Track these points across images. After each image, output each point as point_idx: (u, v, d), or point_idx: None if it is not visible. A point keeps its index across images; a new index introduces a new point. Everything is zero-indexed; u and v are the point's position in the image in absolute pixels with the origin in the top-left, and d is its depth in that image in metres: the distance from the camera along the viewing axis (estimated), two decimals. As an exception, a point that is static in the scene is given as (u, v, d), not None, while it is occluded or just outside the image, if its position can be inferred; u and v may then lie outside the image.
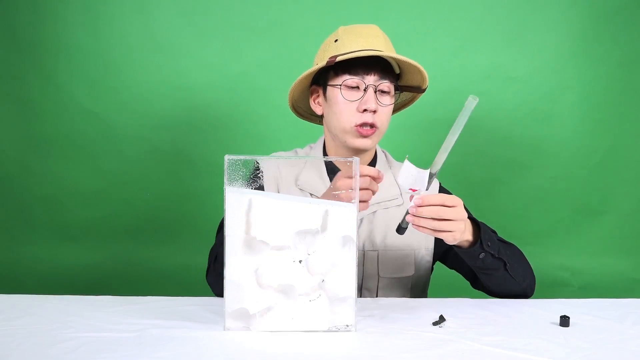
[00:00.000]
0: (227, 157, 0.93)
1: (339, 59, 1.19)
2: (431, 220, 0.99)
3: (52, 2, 1.91)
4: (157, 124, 1.95)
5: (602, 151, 2.01)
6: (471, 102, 0.93)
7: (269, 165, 1.29)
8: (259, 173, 0.97)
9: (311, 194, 1.26)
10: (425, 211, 0.98)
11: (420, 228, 1.00)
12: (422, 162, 1.46)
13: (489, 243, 1.13)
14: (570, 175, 2.01)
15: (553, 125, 2.00)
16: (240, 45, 1.95)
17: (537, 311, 1.11)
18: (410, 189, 1.01)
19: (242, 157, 0.94)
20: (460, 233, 1.03)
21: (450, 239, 1.03)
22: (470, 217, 1.14)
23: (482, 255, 1.13)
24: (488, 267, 1.16)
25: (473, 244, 1.12)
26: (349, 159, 0.96)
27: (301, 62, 1.92)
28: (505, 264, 1.16)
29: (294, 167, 1.29)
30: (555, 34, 1.97)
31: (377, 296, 1.27)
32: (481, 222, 1.15)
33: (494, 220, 1.38)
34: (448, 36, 1.97)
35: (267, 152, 1.39)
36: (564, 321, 1.02)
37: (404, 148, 1.44)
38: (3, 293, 1.15)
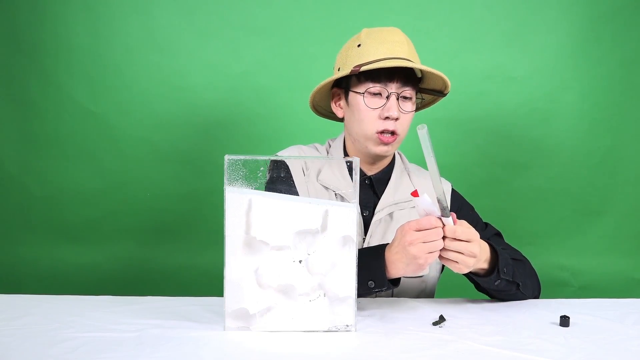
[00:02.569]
0: (227, 157, 0.93)
1: (363, 68, 1.18)
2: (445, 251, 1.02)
3: (52, 2, 1.91)
4: (157, 124, 1.95)
5: (602, 151, 2.01)
6: (421, 131, 0.90)
7: (295, 159, 1.30)
8: (281, 169, 0.96)
9: (326, 188, 1.26)
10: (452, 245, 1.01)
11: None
12: (421, 160, 1.47)
13: (505, 269, 1.13)
14: (570, 175, 2.01)
15: (553, 125, 2.00)
16: (240, 45, 1.95)
17: (537, 311, 1.11)
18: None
19: (242, 157, 0.94)
20: (467, 268, 1.04)
21: (455, 270, 1.05)
22: (486, 241, 1.15)
23: (497, 282, 1.14)
24: (501, 289, 1.18)
25: (489, 272, 1.14)
26: (349, 159, 0.96)
27: (301, 62, 1.93)
28: (518, 285, 1.18)
29: (316, 161, 1.30)
30: (555, 34, 1.97)
31: (392, 295, 1.27)
32: (499, 249, 1.15)
33: (494, 221, 1.39)
34: (448, 36, 1.97)
35: (267, 152, 1.39)
36: (564, 321, 1.02)
37: (404, 148, 1.44)
38: (3, 293, 1.15)
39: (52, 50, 1.92)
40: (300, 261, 0.96)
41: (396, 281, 1.10)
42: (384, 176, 1.32)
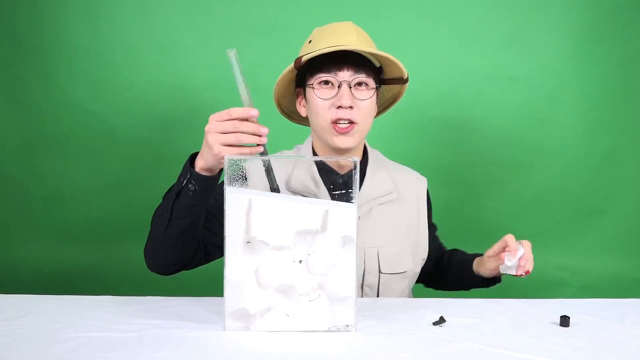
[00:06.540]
0: (227, 157, 0.94)
1: (303, 59, 1.19)
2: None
3: (52, 2, 1.91)
4: (157, 124, 1.95)
5: (602, 151, 2.01)
6: (230, 55, 1.01)
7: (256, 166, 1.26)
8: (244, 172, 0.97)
9: (303, 196, 1.22)
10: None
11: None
12: (421, 161, 1.47)
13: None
14: (570, 175, 2.01)
15: (553, 125, 1.99)
16: (240, 45, 1.94)
17: (537, 311, 1.11)
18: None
19: (242, 157, 0.94)
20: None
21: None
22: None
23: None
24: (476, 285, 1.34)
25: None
26: (349, 159, 0.96)
27: (301, 62, 1.93)
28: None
29: (282, 169, 1.25)
30: (555, 34, 1.97)
31: (378, 293, 1.27)
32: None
33: (494, 220, 1.39)
34: (448, 36, 1.96)
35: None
36: (564, 321, 1.02)
37: (404, 148, 1.44)
38: (3, 293, 1.15)
39: (52, 50, 1.92)
40: (300, 261, 0.96)
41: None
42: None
